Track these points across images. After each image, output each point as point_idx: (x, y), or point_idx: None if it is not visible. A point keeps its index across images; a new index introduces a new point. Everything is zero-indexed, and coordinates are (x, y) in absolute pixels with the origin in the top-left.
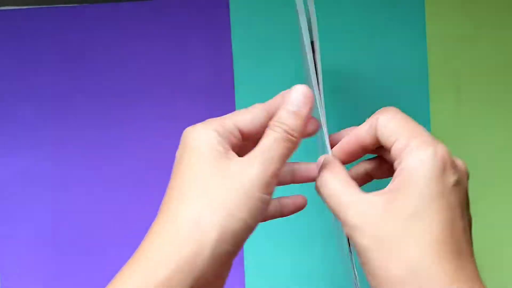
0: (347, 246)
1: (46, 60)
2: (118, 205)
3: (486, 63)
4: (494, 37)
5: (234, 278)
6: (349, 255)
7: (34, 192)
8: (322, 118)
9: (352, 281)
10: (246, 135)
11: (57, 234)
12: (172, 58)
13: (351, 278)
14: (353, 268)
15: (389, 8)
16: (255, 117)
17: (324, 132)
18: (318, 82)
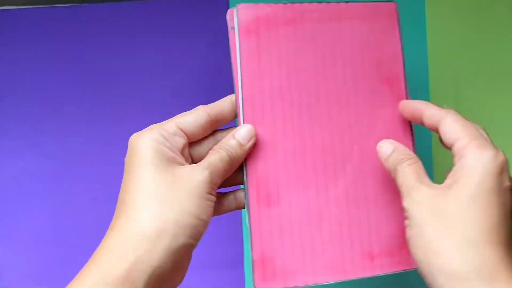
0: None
1: (46, 60)
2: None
3: (486, 63)
4: (494, 37)
5: (234, 278)
6: None
7: (34, 192)
8: None
9: None
10: (190, 135)
11: (57, 234)
12: (172, 58)
13: None
14: None
15: None
16: (197, 118)
17: None
18: None
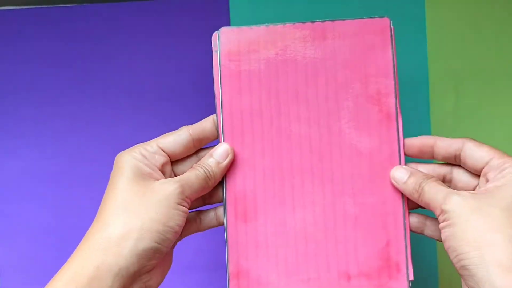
0: None
1: (46, 60)
2: None
3: (486, 63)
4: (494, 37)
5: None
6: None
7: (34, 192)
8: None
9: None
10: (171, 154)
11: (57, 234)
12: (172, 58)
13: None
14: None
15: (389, 8)
16: (177, 138)
17: None
18: None
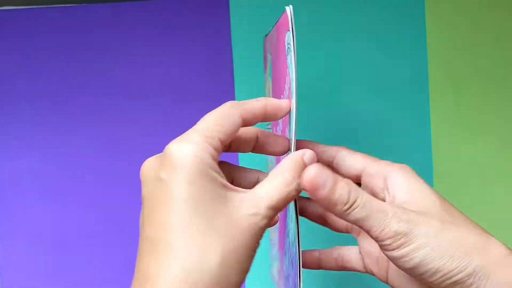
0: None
1: (46, 60)
2: (119, 205)
3: (485, 63)
4: (494, 37)
5: None
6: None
7: (35, 192)
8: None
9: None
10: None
11: (57, 234)
12: (172, 58)
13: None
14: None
15: (389, 9)
16: (233, 126)
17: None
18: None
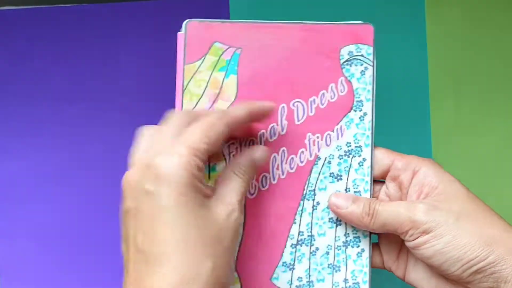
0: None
1: (46, 60)
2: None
3: (485, 63)
4: (494, 37)
5: None
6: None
7: (35, 192)
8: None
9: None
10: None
11: (57, 234)
12: (172, 58)
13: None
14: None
15: (389, 8)
16: (220, 135)
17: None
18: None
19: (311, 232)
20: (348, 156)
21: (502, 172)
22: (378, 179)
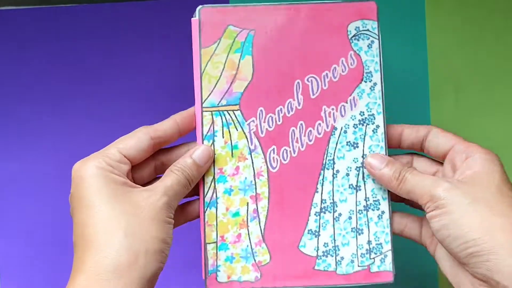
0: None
1: (46, 60)
2: None
3: (485, 63)
4: (494, 38)
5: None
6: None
7: (34, 192)
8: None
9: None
10: (132, 160)
11: (57, 234)
12: (172, 58)
13: None
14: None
15: (389, 8)
16: (138, 142)
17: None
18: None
19: (333, 199)
20: (363, 125)
21: None
22: (440, 160)
